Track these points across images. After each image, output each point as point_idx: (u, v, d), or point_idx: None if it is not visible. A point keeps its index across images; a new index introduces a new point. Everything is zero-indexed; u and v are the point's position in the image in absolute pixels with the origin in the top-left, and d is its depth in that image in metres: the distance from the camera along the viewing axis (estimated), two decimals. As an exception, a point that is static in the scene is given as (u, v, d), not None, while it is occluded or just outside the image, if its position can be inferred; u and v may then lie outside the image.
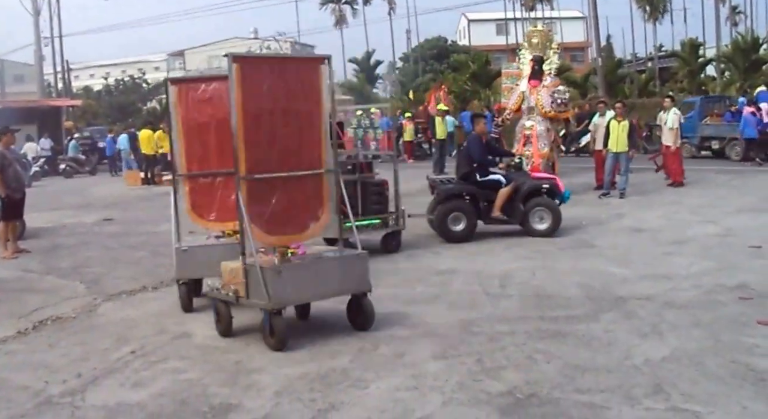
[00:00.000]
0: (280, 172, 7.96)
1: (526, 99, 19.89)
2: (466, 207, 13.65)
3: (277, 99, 7.94)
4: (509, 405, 5.91)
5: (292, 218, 8.11)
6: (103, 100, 78.93)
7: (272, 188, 7.95)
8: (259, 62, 8.43)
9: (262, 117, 7.86)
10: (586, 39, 79.15)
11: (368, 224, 12.81)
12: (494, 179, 13.79)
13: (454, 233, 13.49)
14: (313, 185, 8.27)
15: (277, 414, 5.97)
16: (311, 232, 8.31)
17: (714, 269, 10.51)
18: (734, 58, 46.39)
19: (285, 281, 7.68)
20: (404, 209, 13.26)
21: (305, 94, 8.12)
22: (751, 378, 6.30)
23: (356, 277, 8.25)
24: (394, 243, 13.03)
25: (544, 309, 8.73)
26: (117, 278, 11.80)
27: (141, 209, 22.01)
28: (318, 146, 8.25)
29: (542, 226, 13.59)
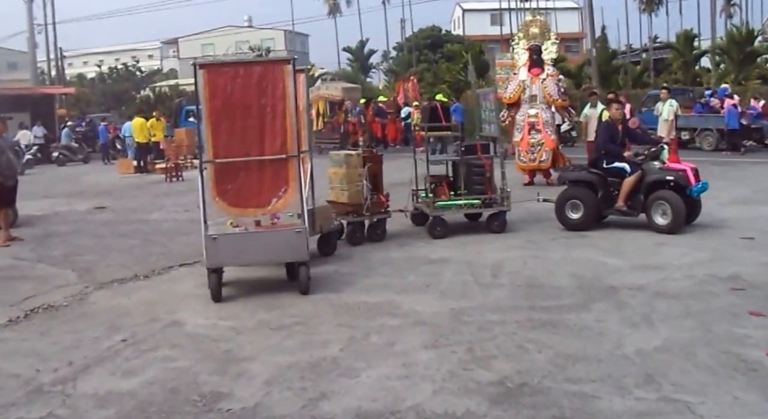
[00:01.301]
0: (243, 157, 9.68)
1: (527, 88, 19.91)
2: (584, 195, 13.06)
3: (241, 97, 9.58)
4: (500, 395, 5.93)
5: (255, 195, 9.79)
6: (97, 88, 78.96)
7: (236, 170, 9.72)
8: (222, 67, 9.88)
9: (226, 112, 9.58)
10: (581, 30, 79.21)
11: (466, 203, 13.12)
12: (618, 166, 12.98)
13: (570, 221, 13.08)
14: (276, 169, 9.77)
15: (268, 402, 5.98)
16: (273, 208, 9.84)
17: (706, 260, 10.52)
18: (729, 50, 46.35)
19: (218, 247, 9.29)
20: (509, 191, 13.32)
21: (270, 91, 9.63)
22: (742, 368, 6.32)
23: (292, 249, 9.40)
24: (496, 223, 13.08)
25: (535, 299, 8.74)
26: (109, 266, 11.78)
27: (133, 197, 22.00)
28: (282, 135, 9.69)
29: (663, 221, 12.46)
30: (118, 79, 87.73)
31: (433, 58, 65.32)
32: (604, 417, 5.48)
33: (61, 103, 49.86)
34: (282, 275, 10.38)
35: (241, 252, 9.44)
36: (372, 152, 13.53)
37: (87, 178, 29.10)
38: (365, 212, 12.60)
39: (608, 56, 48.95)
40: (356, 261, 11.25)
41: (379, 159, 13.19)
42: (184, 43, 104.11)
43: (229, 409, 5.87)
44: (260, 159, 9.72)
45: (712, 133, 29.26)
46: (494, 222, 13.13)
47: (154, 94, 65.74)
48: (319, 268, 10.80)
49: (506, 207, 13.15)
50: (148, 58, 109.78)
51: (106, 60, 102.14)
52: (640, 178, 12.71)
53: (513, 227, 13.33)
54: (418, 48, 68.60)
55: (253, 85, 9.61)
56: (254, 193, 9.79)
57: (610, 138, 13.19)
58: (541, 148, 19.48)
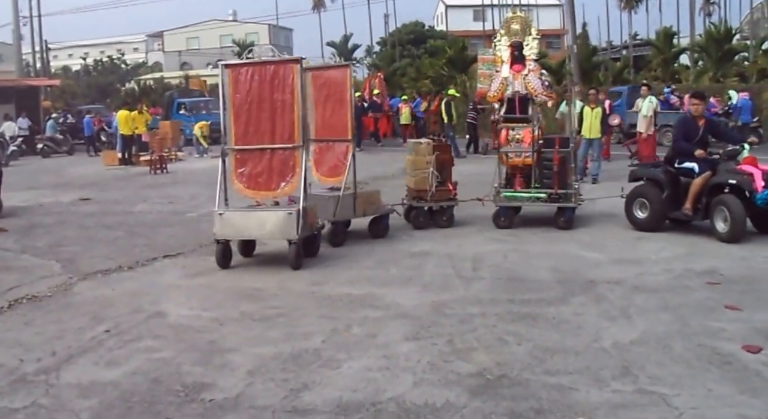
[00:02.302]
0: (258, 145, 10.94)
1: (510, 85, 19.92)
2: (652, 194, 12.37)
3: (257, 92, 10.81)
4: (479, 386, 5.99)
5: (268, 180, 10.95)
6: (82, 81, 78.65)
7: (252, 156, 11.00)
8: (243, 66, 11.13)
9: (245, 106, 10.88)
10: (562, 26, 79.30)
11: (532, 197, 13.05)
12: (686, 167, 12.05)
13: (637, 220, 12.53)
14: (285, 157, 10.89)
15: (250, 393, 6.02)
16: (281, 192, 11.00)
17: (684, 254, 10.65)
18: (707, 47, 46.61)
19: (224, 222, 10.68)
20: (578, 186, 13.15)
21: (280, 87, 10.75)
22: (717, 361, 6.40)
23: (283, 228, 10.50)
24: (562, 220, 12.86)
25: (515, 292, 8.82)
26: (93, 257, 11.78)
27: (118, 189, 21.98)
28: (291, 126, 10.78)
29: (722, 228, 11.37)
30: (103, 71, 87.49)
31: (416, 53, 65.35)
32: (582, 408, 5.52)
33: (46, 96, 49.57)
34: (265, 267, 10.56)
35: (241, 228, 10.76)
36: (441, 142, 13.96)
37: (72, 169, 29.00)
38: (429, 198, 13.15)
39: (589, 53, 49.13)
40: (339, 254, 11.31)
41: (447, 149, 13.78)
42: (169, 36, 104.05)
43: (211, 399, 5.90)
44: (272, 148, 10.92)
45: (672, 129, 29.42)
46: (560, 218, 12.92)
47: (139, 87, 65.63)
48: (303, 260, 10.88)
49: (573, 203, 12.95)
50: (133, 51, 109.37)
51: (91, 52, 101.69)
52: (707, 180, 11.74)
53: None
54: (402, 43, 68.58)
55: (267, 81, 10.79)
56: (266, 178, 10.95)
57: (683, 135, 12.26)
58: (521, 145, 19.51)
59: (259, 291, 9.24)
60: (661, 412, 5.43)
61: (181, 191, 20.20)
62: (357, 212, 12.34)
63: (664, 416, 5.37)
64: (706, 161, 11.86)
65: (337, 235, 12.16)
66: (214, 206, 10.71)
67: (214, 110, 43.28)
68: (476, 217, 13.85)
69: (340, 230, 12.26)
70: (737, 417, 5.32)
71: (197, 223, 14.73)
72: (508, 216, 13.11)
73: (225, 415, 5.62)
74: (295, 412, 5.62)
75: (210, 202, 17.24)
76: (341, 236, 12.21)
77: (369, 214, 12.59)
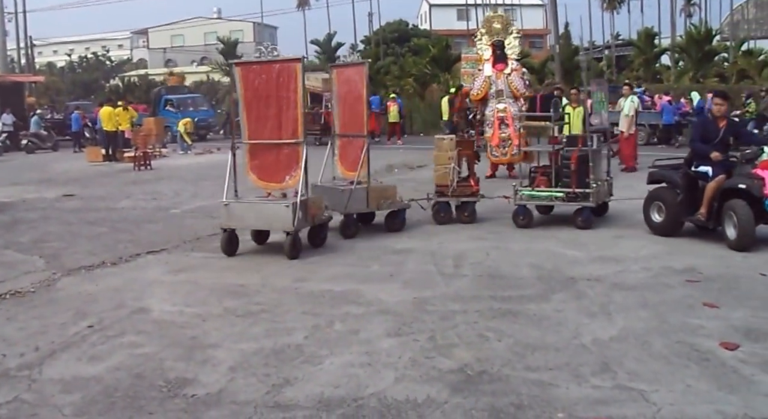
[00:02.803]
0: (267, 140, 11.58)
1: (493, 84, 20.04)
2: (668, 197, 11.87)
3: (265, 89, 11.40)
4: (460, 382, 6.03)
5: (275, 173, 11.56)
6: (66, 77, 78.39)
7: (262, 150, 11.66)
8: (252, 65, 11.79)
9: (254, 103, 11.53)
10: (544, 26, 79.52)
11: (550, 195, 13.04)
12: (701, 170, 11.41)
13: (653, 224, 12.04)
14: (290, 151, 11.43)
15: (232, 388, 6.04)
16: (286, 184, 11.50)
17: (663, 252, 10.72)
18: (688, 48, 46.87)
19: (228, 212, 11.33)
20: (596, 186, 12.82)
21: (285, 85, 11.27)
22: (695, 357, 6.47)
23: (280, 219, 11.02)
24: (580, 219, 12.66)
25: (496, 289, 8.87)
26: (76, 253, 11.78)
27: (102, 185, 21.90)
28: (295, 122, 11.31)
29: (732, 235, 10.77)
30: (87, 68, 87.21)
31: (399, 51, 65.28)
32: (561, 404, 5.57)
33: (31, 92, 49.48)
34: (248, 264, 10.61)
35: (244, 218, 11.35)
36: (465, 138, 13.91)
37: (56, 165, 28.91)
38: (450, 193, 13.30)
39: (571, 52, 49.28)
40: (322, 251, 11.34)
41: (470, 145, 13.81)
42: (154, 33, 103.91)
43: (193, 395, 5.92)
44: (278, 142, 11.50)
45: (644, 127, 30.41)
46: (578, 218, 12.71)
47: (124, 84, 65.43)
48: (284, 257, 10.93)
49: (590, 203, 12.69)
50: (117, 47, 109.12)
51: (76, 49, 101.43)
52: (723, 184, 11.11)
53: (478, 219, 13.47)
54: (386, 42, 68.48)
55: (274, 80, 11.34)
56: (273, 170, 11.58)
57: (700, 136, 11.59)
58: (511, 142, 19.66)
59: (242, 287, 9.26)
60: (640, 408, 5.48)
61: (165, 188, 20.19)
62: (370, 205, 12.62)
63: (642, 412, 5.41)
64: (722, 164, 11.21)
65: (349, 227, 12.41)
66: (199, 202, 10.79)
67: (201, 107, 43.24)
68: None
69: (351, 223, 12.46)
70: (715, 412, 5.37)
71: (181, 219, 14.79)
72: (527, 215, 13.01)
73: (207, 410, 5.63)
74: (277, 407, 5.65)
75: (194, 198, 17.39)
76: (352, 229, 12.44)
77: (383, 208, 12.84)
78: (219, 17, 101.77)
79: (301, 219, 11.01)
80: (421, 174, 19.24)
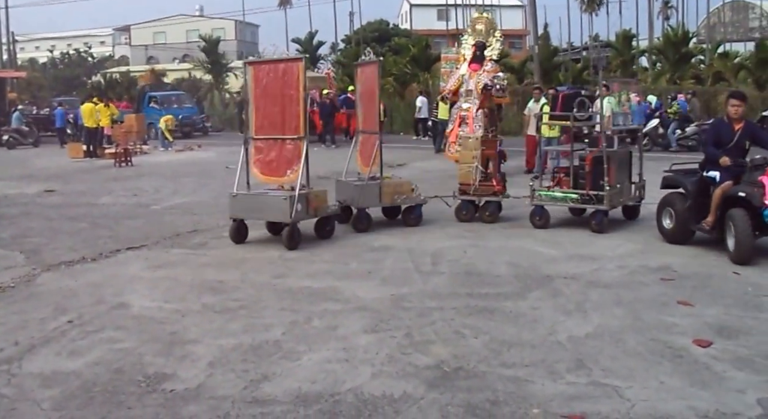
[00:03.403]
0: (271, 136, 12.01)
1: (465, 82, 20.13)
2: (677, 204, 11.27)
3: (271, 87, 11.86)
4: (436, 378, 6.08)
5: (278, 167, 11.98)
6: (48, 73, 78.07)
7: (267, 145, 12.10)
8: (262, 64, 12.36)
9: (261, 100, 12.03)
10: (524, 27, 79.75)
11: (565, 197, 12.83)
12: (710, 175, 10.77)
13: (664, 231, 11.52)
14: (291, 147, 11.83)
15: (211, 384, 6.07)
16: (287, 178, 11.86)
17: (639, 251, 10.82)
18: (665, 50, 47.14)
19: (235, 203, 11.93)
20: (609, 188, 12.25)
21: (288, 83, 11.71)
22: (668, 354, 6.55)
23: (279, 211, 11.48)
24: (594, 222, 12.24)
25: (473, 286, 8.93)
26: (56, 248, 11.76)
27: (82, 181, 21.83)
28: (297, 119, 11.72)
29: (730, 244, 10.12)
30: (69, 64, 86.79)
31: (380, 51, 65.30)
32: (536, 400, 5.62)
33: (13, 88, 49.19)
34: (227, 260, 10.62)
35: (248, 209, 11.88)
36: (488, 137, 13.97)
37: (37, 161, 28.77)
38: (472, 192, 13.43)
39: (550, 53, 49.46)
40: (300, 248, 11.34)
41: (494, 144, 13.85)
42: (136, 30, 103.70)
43: (172, 390, 5.95)
44: (282, 138, 11.93)
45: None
46: (592, 220, 12.36)
47: (105, 81, 65.17)
48: (264, 254, 11.01)
49: (604, 206, 12.27)
50: (100, 44, 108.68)
51: (58, 45, 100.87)
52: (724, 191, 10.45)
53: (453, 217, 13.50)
54: (366, 41, 68.46)
55: (279, 78, 11.81)
56: (276, 165, 12.01)
57: (713, 140, 10.94)
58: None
59: (221, 284, 9.28)
60: (614, 404, 5.54)
61: (146, 184, 20.12)
62: (383, 200, 12.98)
63: (616, 407, 5.47)
64: (730, 169, 10.43)
65: (361, 221, 12.76)
66: (179, 199, 10.82)
67: (185, 104, 43.13)
68: (437, 213, 13.89)
69: (363, 217, 12.81)
70: (687, 408, 5.44)
71: (161, 215, 14.78)
72: (544, 216, 12.84)
73: (186, 405, 5.65)
74: (255, 403, 5.68)
75: (174, 195, 17.38)
76: (365, 223, 12.77)
77: (397, 203, 13.19)
78: (201, 15, 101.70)
79: (301, 211, 11.45)
80: (401, 173, 19.23)
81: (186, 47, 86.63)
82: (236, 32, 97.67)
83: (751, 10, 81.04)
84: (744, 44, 56.34)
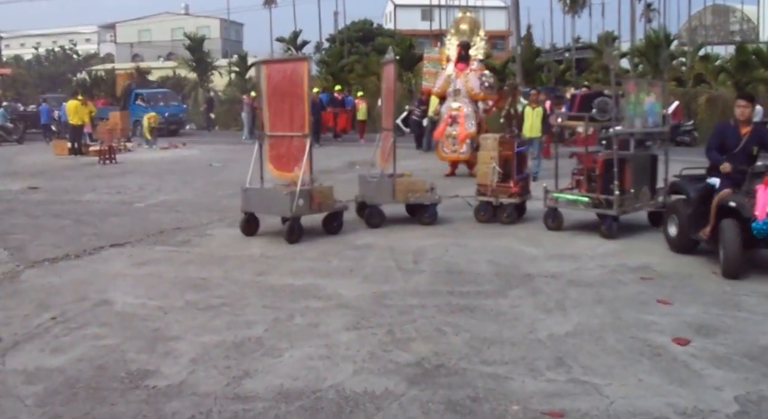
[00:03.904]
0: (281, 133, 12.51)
1: (452, 82, 20.30)
2: (680, 211, 10.77)
3: (281, 86, 12.31)
4: (417, 375, 6.12)
5: (287, 163, 12.43)
6: (33, 70, 77.81)
7: (278, 142, 12.62)
8: (273, 63, 12.96)
9: (273, 98, 12.53)
10: (507, 28, 79.95)
11: (576, 200, 12.38)
12: (711, 182, 10.19)
13: (669, 238, 11.03)
14: (298, 143, 12.24)
15: (193, 380, 6.09)
16: (294, 174, 12.09)
17: (619, 250, 10.89)
18: (647, 52, 47.31)
19: (247, 197, 12.30)
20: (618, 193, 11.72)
21: (294, 81, 12.11)
22: (647, 352, 6.62)
23: (281, 206, 11.90)
24: (604, 227, 11.82)
25: (454, 284, 8.99)
26: (40, 245, 11.74)
27: (67, 178, 21.78)
28: (302, 116, 12.13)
29: (721, 256, 9.44)
30: (54, 61, 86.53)
31: (364, 50, 65.35)
32: (516, 397, 5.67)
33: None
34: (210, 257, 10.63)
35: (254, 203, 12.27)
36: (506, 138, 13.71)
37: (22, 158, 28.65)
38: (489, 193, 13.30)
39: (532, 54, 49.67)
40: (282, 246, 11.40)
41: (510, 145, 13.47)
42: (122, 28, 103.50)
43: (155, 386, 5.96)
44: (291, 135, 12.37)
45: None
46: (602, 225, 11.96)
47: (91, 78, 65.00)
48: (247, 251, 11.04)
49: (613, 212, 11.76)
50: (85, 41, 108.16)
51: (43, 42, 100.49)
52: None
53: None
54: (350, 40, 68.51)
55: (288, 77, 12.23)
56: (286, 161, 12.46)
57: (716, 144, 10.21)
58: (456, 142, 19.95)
59: (204, 281, 9.30)
60: (593, 401, 5.59)
61: (130, 182, 20.09)
62: (396, 197, 13.11)
63: (595, 405, 5.52)
64: (732, 176, 9.80)
65: (373, 217, 12.93)
66: (163, 197, 10.83)
67: (172, 102, 43.03)
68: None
69: (375, 213, 12.97)
70: (665, 405, 5.50)
71: (145, 213, 14.79)
72: (557, 218, 12.59)
73: (168, 402, 5.67)
74: (237, 399, 5.70)
75: (158, 192, 17.39)
76: (377, 219, 12.92)
77: (411, 201, 13.26)
78: (186, 13, 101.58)
79: (302, 207, 11.81)
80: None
81: (171, 45, 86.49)
82: (221, 31, 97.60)
83: (731, 13, 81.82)
84: (725, 47, 56.51)
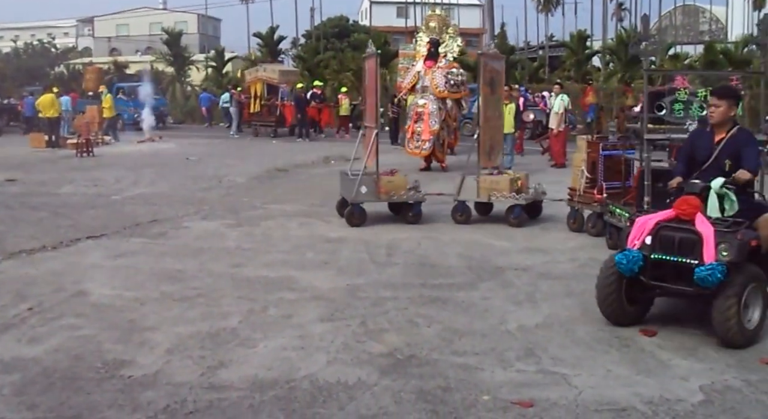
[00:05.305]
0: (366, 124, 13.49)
1: (421, 79, 20.47)
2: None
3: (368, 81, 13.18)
4: (389, 366, 6.21)
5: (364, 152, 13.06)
6: (11, 63, 77.27)
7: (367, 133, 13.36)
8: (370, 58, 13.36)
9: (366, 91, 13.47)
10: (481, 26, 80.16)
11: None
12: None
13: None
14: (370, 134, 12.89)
15: (168, 370, 6.15)
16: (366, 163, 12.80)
17: (589, 244, 11.02)
18: (617, 51, 47.57)
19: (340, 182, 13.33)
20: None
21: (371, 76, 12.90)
22: (616, 344, 6.74)
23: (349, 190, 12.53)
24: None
25: (426, 277, 9.09)
26: (17, 237, 11.72)
27: (44, 171, 21.67)
28: (372, 109, 13.04)
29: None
30: (33, 55, 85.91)
31: (340, 46, 65.28)
32: (487, 387, 5.76)
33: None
34: (186, 249, 10.70)
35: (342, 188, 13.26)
36: (590, 140, 12.06)
37: (-1, 151, 28.51)
38: (576, 199, 11.96)
39: (507, 52, 49.83)
40: (258, 238, 11.49)
41: (596, 147, 11.70)
42: (100, 22, 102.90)
43: (130, 376, 6.01)
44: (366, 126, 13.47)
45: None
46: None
47: (68, 72, 64.59)
48: (222, 244, 11.09)
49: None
50: (63, 35, 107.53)
51: (21, 35, 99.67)
52: None
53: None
54: (326, 36, 68.41)
55: (370, 71, 13.19)
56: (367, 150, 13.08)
57: (685, 155, 7.94)
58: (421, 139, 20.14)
59: (179, 272, 9.36)
60: (562, 391, 5.69)
61: (107, 175, 20.04)
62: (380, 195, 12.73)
63: (564, 394, 5.62)
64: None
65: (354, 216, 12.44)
66: (139, 189, 10.78)
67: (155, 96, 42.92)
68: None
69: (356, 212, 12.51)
70: (633, 395, 5.61)
71: (121, 205, 14.80)
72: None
73: (144, 391, 5.72)
74: (212, 389, 5.76)
75: (134, 185, 17.42)
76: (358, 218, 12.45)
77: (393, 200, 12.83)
78: (164, 8, 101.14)
79: (365, 193, 12.41)
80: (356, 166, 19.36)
81: (149, 40, 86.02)
82: (199, 26, 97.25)
83: (701, 14, 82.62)
84: (694, 47, 57.01)
